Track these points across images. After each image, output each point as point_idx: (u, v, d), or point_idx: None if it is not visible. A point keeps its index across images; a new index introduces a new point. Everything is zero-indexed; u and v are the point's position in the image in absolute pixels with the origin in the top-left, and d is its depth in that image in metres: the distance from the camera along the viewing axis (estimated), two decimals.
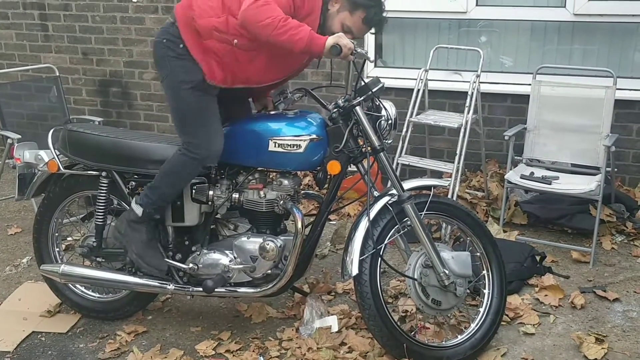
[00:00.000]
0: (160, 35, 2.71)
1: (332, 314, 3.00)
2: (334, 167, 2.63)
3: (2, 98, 4.33)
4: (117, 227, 2.85)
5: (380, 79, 2.68)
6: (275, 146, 2.62)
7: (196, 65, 2.61)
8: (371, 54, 4.69)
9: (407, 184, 2.69)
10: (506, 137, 3.89)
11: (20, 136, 4.04)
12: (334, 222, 4.16)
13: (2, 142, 4.52)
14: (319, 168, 2.73)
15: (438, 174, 4.28)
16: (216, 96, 2.69)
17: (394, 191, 2.65)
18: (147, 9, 5.02)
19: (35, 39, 5.45)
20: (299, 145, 2.60)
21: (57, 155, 2.95)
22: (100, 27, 5.21)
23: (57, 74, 4.71)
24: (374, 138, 2.60)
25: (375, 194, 2.70)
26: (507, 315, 3.04)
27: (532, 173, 3.84)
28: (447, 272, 2.61)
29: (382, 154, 2.62)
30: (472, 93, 3.92)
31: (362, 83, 2.63)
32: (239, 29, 2.52)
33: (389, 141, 2.72)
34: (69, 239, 3.49)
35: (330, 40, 2.41)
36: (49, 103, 4.67)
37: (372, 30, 2.75)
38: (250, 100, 2.99)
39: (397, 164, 4.07)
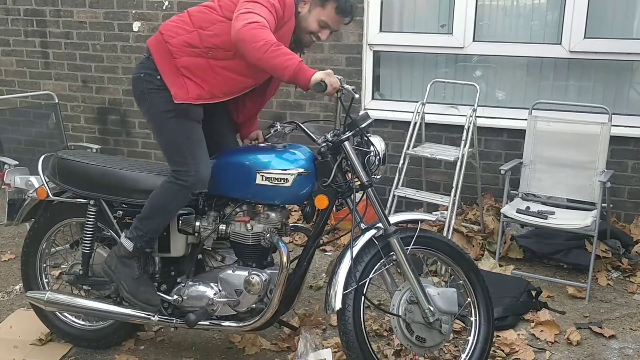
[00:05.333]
0: (137, 70, 2.75)
1: (326, 347, 2.96)
2: (321, 201, 2.61)
3: (0, 124, 4.37)
4: (108, 264, 2.82)
5: (369, 114, 2.67)
6: (262, 179, 2.61)
7: None
8: (369, 87, 4.73)
9: (394, 218, 2.68)
10: (502, 172, 3.89)
11: (17, 162, 4.06)
12: (330, 254, 4.15)
13: None
14: (306, 202, 2.71)
15: (434, 207, 4.26)
16: (201, 122, 2.70)
17: (380, 225, 2.63)
18: (147, 38, 5.05)
19: (36, 66, 5.51)
20: (287, 179, 2.59)
21: (46, 182, 2.95)
22: (101, 55, 5.27)
23: (56, 101, 4.75)
24: (362, 173, 2.59)
25: (363, 227, 2.68)
26: (502, 350, 3.03)
27: (528, 207, 3.83)
28: (432, 308, 2.57)
29: (370, 189, 2.61)
30: (469, 127, 3.94)
31: (351, 119, 2.61)
32: (211, 39, 2.58)
33: (378, 176, 2.70)
34: (62, 266, 3.47)
35: (317, 76, 2.42)
36: (47, 130, 4.70)
37: (346, 20, 2.76)
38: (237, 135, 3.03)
39: (394, 195, 4.07)
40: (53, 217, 3.05)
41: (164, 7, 4.98)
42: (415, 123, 4.14)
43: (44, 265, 3.16)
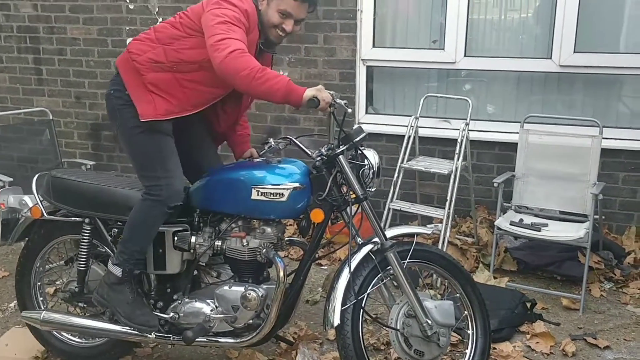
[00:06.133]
0: (108, 88, 2.79)
1: None
2: (317, 215, 2.61)
3: None
4: (99, 293, 2.80)
5: (362, 127, 2.69)
6: (258, 194, 2.61)
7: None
8: (362, 102, 4.77)
9: (390, 232, 2.69)
10: (495, 184, 3.92)
11: (11, 179, 4.05)
12: (325, 267, 4.15)
13: None
14: (302, 216, 2.72)
15: (428, 219, 4.29)
16: (171, 134, 2.71)
17: (377, 239, 2.64)
18: None
19: (29, 83, 5.51)
20: (282, 193, 2.60)
21: (40, 201, 2.95)
22: (94, 71, 5.29)
23: (50, 117, 4.76)
24: (357, 187, 2.60)
25: (360, 241, 2.69)
26: None
27: (521, 220, 3.86)
28: (429, 322, 2.57)
29: (365, 202, 2.62)
30: (462, 140, 3.98)
31: (344, 133, 2.63)
32: (175, 54, 2.62)
33: (373, 189, 2.71)
34: (57, 282, 3.45)
35: (308, 93, 2.43)
36: (40, 146, 4.70)
37: (309, 8, 2.73)
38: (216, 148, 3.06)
39: (389, 209, 4.10)
40: (47, 235, 3.04)
41: (158, 24, 4.99)
42: (409, 137, 4.17)
43: (39, 283, 3.14)
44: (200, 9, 2.64)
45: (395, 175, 4.11)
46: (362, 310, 2.56)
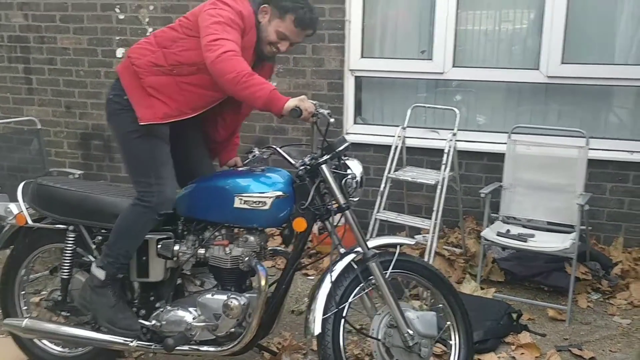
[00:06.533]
0: (109, 92, 2.81)
1: None
2: (300, 224, 2.61)
3: None
4: (82, 296, 2.81)
5: (345, 137, 2.70)
6: (240, 203, 2.62)
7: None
8: (351, 112, 4.78)
9: (373, 242, 2.69)
10: (482, 195, 3.92)
11: (0, 187, 4.04)
12: (312, 278, 4.14)
13: None
14: (285, 225, 2.72)
15: (416, 230, 4.28)
16: (167, 141, 2.73)
17: (359, 249, 2.64)
18: None
19: (19, 92, 5.51)
20: (265, 202, 2.60)
21: (26, 209, 2.94)
22: (84, 81, 5.29)
23: (39, 127, 4.76)
24: (339, 196, 2.60)
25: (342, 251, 2.69)
26: None
27: (509, 230, 3.86)
28: (411, 332, 2.57)
29: (348, 211, 2.62)
30: (449, 151, 3.98)
31: (327, 143, 2.64)
32: (174, 56, 2.64)
33: (356, 199, 2.72)
34: (42, 292, 3.44)
35: (291, 103, 2.44)
36: (29, 155, 4.70)
37: (308, 32, 2.76)
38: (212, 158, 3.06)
39: (375, 219, 4.09)
40: (32, 243, 3.03)
41: (148, 34, 5.02)
42: (397, 147, 4.18)
43: (22, 292, 3.13)
44: (198, 10, 2.67)
45: (382, 185, 4.11)
46: (343, 319, 2.55)
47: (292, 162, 2.76)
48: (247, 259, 2.68)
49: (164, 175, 2.68)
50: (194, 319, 2.72)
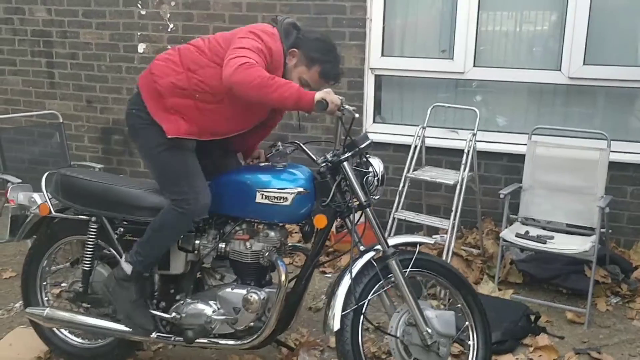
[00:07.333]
0: (129, 106, 2.80)
1: None
2: (320, 220, 2.61)
3: (5, 142, 4.41)
4: (106, 285, 2.84)
5: (368, 135, 2.70)
6: (262, 198, 2.63)
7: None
8: (370, 111, 4.78)
9: (393, 240, 2.69)
10: (502, 196, 3.90)
11: (20, 180, 4.08)
12: (330, 275, 4.15)
13: (2, 186, 4.56)
14: (305, 221, 2.73)
15: (434, 230, 4.27)
16: (194, 151, 2.72)
17: (379, 247, 2.64)
18: (152, 60, 5.12)
19: (41, 86, 5.57)
20: (286, 197, 2.61)
21: (49, 199, 2.97)
22: (106, 76, 5.34)
23: (61, 121, 4.81)
24: (360, 193, 2.61)
25: (362, 248, 2.69)
26: None
27: (528, 232, 3.84)
28: (430, 331, 2.57)
29: (368, 209, 2.63)
30: (469, 151, 3.97)
31: (350, 139, 2.64)
32: (199, 83, 2.60)
33: (377, 197, 2.72)
34: (63, 284, 3.47)
35: (317, 96, 2.44)
36: (50, 149, 4.74)
37: (330, 83, 2.75)
38: (238, 154, 3.05)
39: (394, 218, 4.09)
40: (54, 234, 3.07)
41: (169, 30, 5.06)
42: (416, 147, 4.17)
43: (44, 283, 3.17)
44: (230, 36, 2.64)
45: (401, 184, 4.10)
46: (362, 316, 2.56)
47: (315, 158, 2.77)
48: (267, 253, 2.70)
49: (197, 184, 2.67)
50: (213, 312, 2.74)
